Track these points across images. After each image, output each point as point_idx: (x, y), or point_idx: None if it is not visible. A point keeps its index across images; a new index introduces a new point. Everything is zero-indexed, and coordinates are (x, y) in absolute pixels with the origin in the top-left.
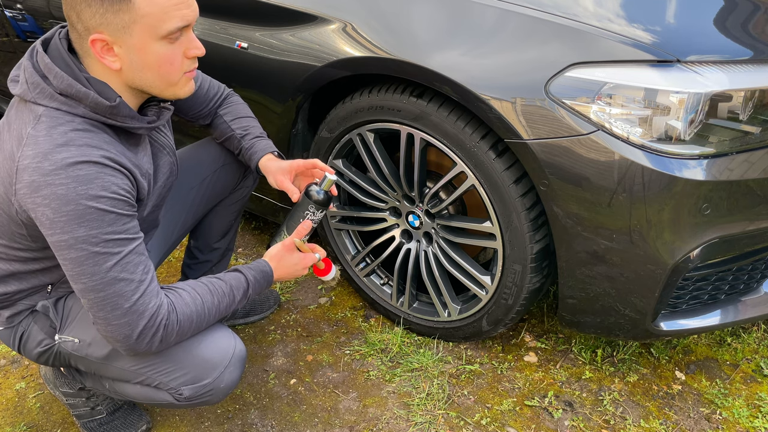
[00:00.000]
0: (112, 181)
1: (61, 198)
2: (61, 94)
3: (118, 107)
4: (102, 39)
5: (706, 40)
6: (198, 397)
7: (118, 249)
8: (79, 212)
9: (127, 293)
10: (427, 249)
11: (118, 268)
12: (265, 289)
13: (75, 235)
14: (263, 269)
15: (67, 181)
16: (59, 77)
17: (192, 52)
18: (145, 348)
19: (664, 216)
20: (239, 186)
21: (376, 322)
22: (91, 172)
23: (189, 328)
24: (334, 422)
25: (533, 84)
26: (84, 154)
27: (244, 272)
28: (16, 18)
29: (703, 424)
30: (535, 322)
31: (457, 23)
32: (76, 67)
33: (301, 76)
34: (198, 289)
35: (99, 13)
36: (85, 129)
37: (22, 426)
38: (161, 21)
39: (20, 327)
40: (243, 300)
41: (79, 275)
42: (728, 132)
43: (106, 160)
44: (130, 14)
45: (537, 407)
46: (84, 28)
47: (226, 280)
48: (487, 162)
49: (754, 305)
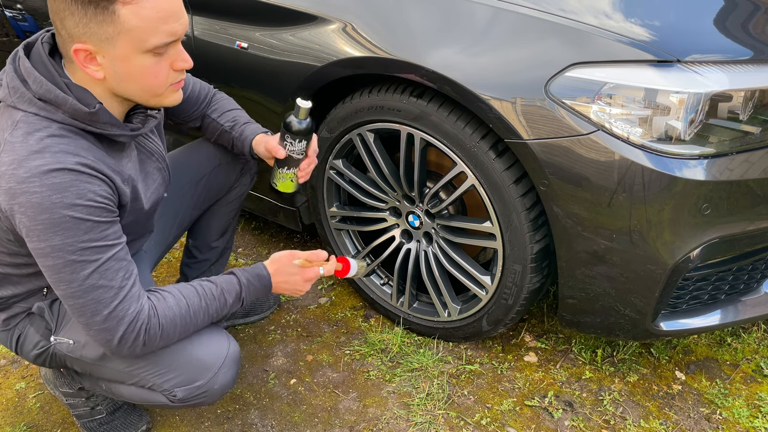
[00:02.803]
0: (88, 189)
1: (36, 206)
2: (40, 99)
3: (97, 114)
4: (85, 48)
5: (706, 40)
6: (192, 399)
7: (96, 256)
8: (55, 221)
9: (105, 300)
10: (427, 249)
11: (96, 275)
12: (264, 294)
13: (51, 243)
14: (259, 273)
15: (41, 189)
16: (38, 82)
17: (179, 65)
18: (128, 352)
19: (664, 216)
20: (236, 184)
21: (376, 322)
22: (65, 180)
23: (173, 332)
24: (334, 422)
25: (533, 84)
26: (59, 161)
27: (237, 275)
28: (16, 18)
29: (703, 424)
30: (535, 322)
31: (457, 23)
32: (56, 72)
33: (301, 76)
34: (184, 292)
35: (82, 23)
36: (62, 135)
37: (22, 426)
38: (147, 35)
39: (17, 329)
40: (236, 304)
41: (57, 282)
42: (728, 132)
43: (81, 167)
44: (114, 26)
45: (537, 407)
46: (67, 35)
47: (217, 283)
48: (487, 162)
49: (754, 305)
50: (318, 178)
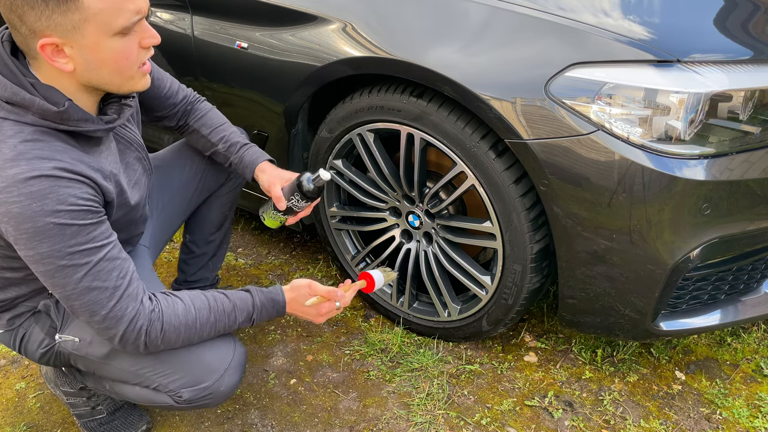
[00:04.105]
0: (68, 193)
1: (17, 216)
2: (7, 102)
3: (67, 112)
4: (51, 42)
5: (706, 39)
6: (198, 400)
7: (86, 259)
8: (38, 229)
9: (101, 301)
10: (427, 249)
11: (89, 278)
12: (275, 317)
13: (39, 251)
14: (275, 298)
15: (20, 198)
16: (2, 85)
17: (147, 41)
18: (132, 350)
19: (664, 216)
20: (232, 176)
21: (376, 322)
22: (44, 187)
23: (176, 339)
24: (334, 422)
25: (533, 84)
26: (35, 168)
27: (253, 296)
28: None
29: (703, 424)
30: (535, 322)
31: (457, 23)
32: (20, 72)
33: (301, 76)
34: (196, 304)
35: (45, 15)
36: (35, 139)
37: (22, 426)
38: (114, 17)
39: (21, 328)
40: (246, 323)
41: (53, 286)
42: (728, 132)
43: (59, 171)
44: (79, 13)
45: (537, 407)
46: (29, 31)
47: (231, 299)
48: (487, 162)
49: (754, 305)
50: None
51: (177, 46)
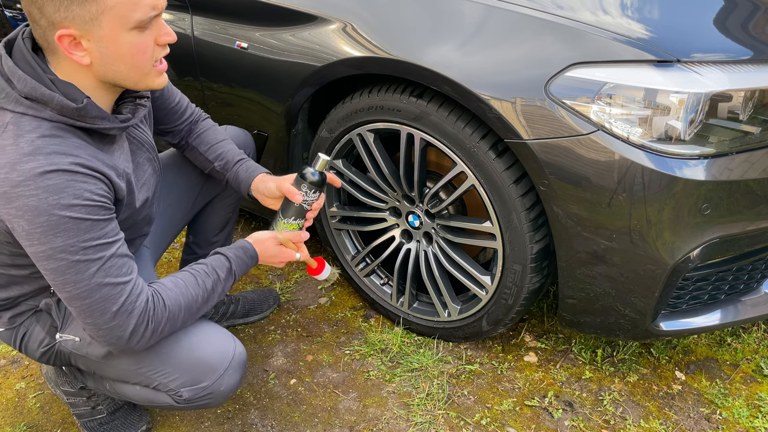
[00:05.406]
0: (84, 188)
1: (34, 209)
2: (26, 98)
3: (86, 109)
4: (69, 34)
5: (706, 39)
6: (197, 400)
7: (99, 255)
8: (53, 223)
9: (113, 296)
10: (427, 249)
11: (101, 273)
12: (252, 265)
13: (53, 245)
14: (242, 245)
15: (37, 191)
16: (23, 80)
17: (163, 38)
18: (138, 344)
19: (664, 216)
20: None
21: (376, 322)
22: (60, 181)
23: (179, 314)
24: (334, 422)
25: (533, 84)
26: (52, 162)
27: (222, 252)
28: (16, 18)
29: (703, 424)
30: (535, 322)
31: (457, 23)
32: (40, 68)
33: (301, 76)
34: (179, 276)
35: (63, 6)
36: (53, 134)
37: (22, 426)
38: (131, 10)
39: (22, 327)
40: (230, 278)
41: (63, 284)
42: (728, 132)
43: (76, 166)
44: (97, 5)
45: (537, 407)
46: (48, 24)
47: (205, 262)
48: (487, 162)
49: (754, 305)
50: None
51: (177, 46)
